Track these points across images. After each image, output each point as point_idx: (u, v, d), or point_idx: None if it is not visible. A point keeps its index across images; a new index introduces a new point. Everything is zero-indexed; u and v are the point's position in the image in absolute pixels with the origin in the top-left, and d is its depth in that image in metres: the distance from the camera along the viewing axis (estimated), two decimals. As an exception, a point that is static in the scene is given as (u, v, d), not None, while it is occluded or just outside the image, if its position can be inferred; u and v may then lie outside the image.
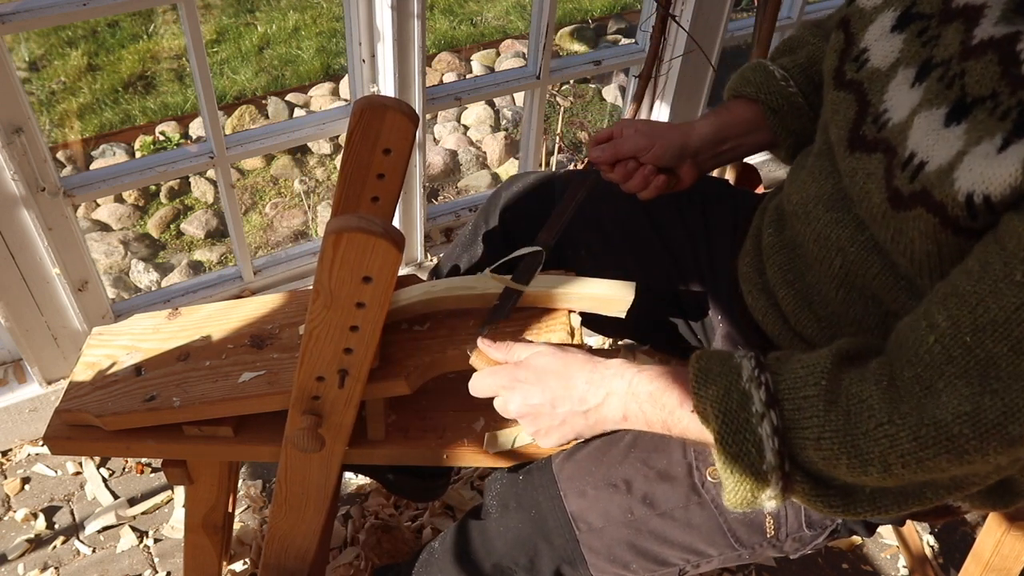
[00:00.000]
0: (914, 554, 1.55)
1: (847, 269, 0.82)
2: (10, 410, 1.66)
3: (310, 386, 0.88)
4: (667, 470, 0.89)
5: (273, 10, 3.51)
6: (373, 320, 0.82)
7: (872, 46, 0.80)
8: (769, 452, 0.70)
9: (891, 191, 0.72)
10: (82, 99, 2.98)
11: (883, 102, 0.76)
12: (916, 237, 0.70)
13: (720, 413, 0.71)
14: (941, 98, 0.69)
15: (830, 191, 0.84)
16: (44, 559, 1.56)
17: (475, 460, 1.04)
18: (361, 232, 0.74)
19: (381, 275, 0.78)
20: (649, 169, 1.02)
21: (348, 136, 0.95)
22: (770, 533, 0.88)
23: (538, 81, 1.85)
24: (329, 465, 0.99)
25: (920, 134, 0.70)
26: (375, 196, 1.00)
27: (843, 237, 0.81)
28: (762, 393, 0.71)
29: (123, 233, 2.56)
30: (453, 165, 2.84)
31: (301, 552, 1.13)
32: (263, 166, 2.81)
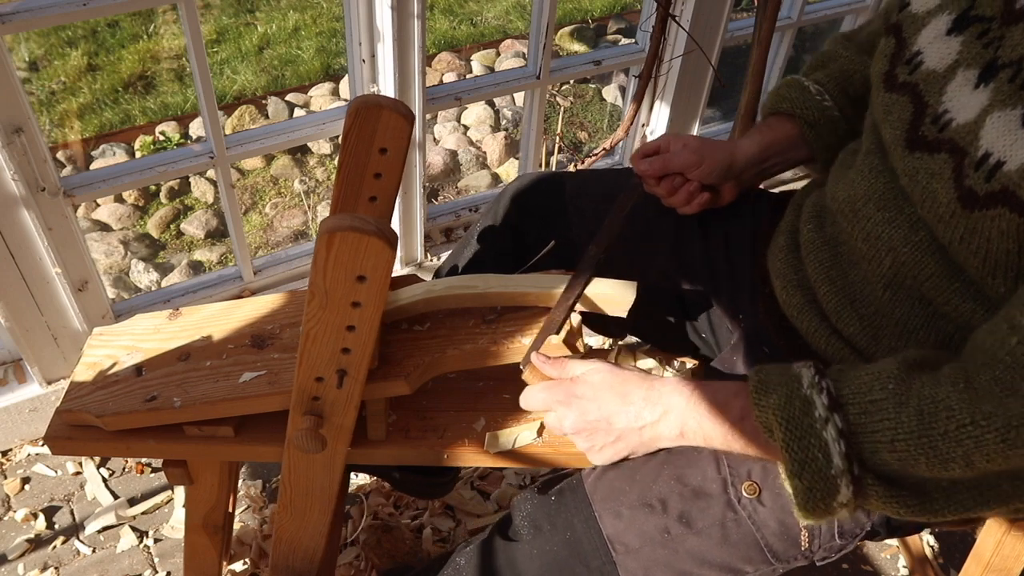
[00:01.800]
0: (914, 554, 1.55)
1: (896, 269, 0.82)
2: (10, 410, 1.66)
3: (309, 387, 0.88)
4: (702, 487, 0.88)
5: (273, 10, 3.51)
6: (369, 320, 0.82)
7: (926, 49, 0.81)
8: (836, 456, 0.70)
9: (962, 191, 0.72)
10: (82, 99, 2.98)
11: (942, 103, 0.77)
12: (994, 236, 0.71)
13: (783, 420, 0.72)
14: (1016, 99, 0.70)
15: (881, 190, 0.84)
16: (44, 559, 1.56)
17: (476, 460, 1.04)
18: (354, 231, 0.74)
19: (375, 274, 0.78)
20: (695, 186, 1.04)
21: (344, 136, 0.95)
22: (804, 545, 0.87)
23: (538, 81, 1.85)
24: (333, 466, 0.99)
25: (995, 134, 0.70)
26: (373, 196, 1.00)
27: (895, 237, 0.81)
28: (824, 398, 0.71)
29: (123, 233, 2.56)
30: (453, 165, 2.84)
31: (309, 553, 1.13)
32: (263, 166, 2.81)
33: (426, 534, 1.58)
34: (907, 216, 0.81)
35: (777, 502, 0.87)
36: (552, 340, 0.94)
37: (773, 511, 0.87)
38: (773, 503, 0.87)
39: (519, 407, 1.07)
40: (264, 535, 1.58)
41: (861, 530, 0.88)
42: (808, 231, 0.96)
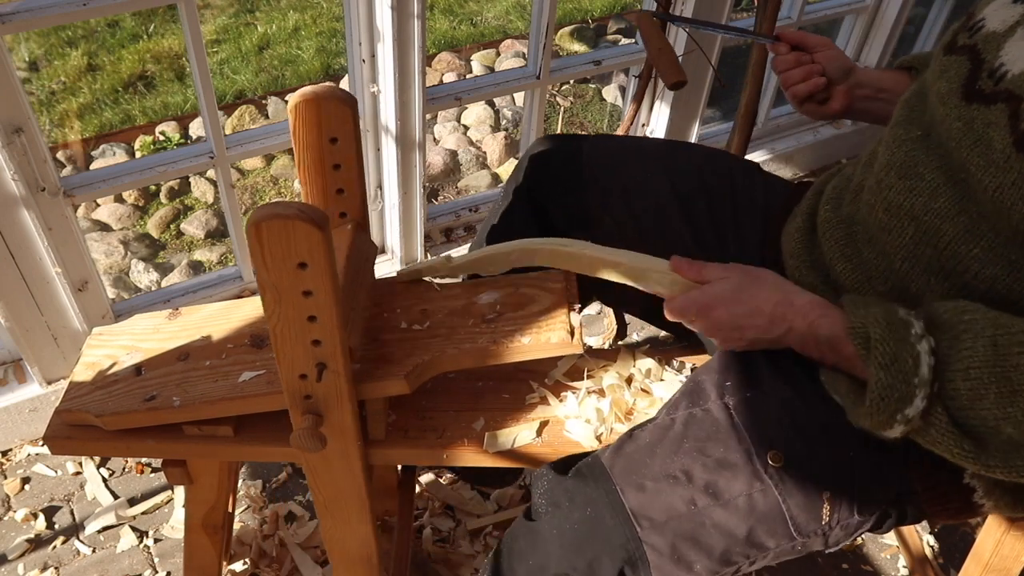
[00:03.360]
0: (914, 554, 1.55)
1: (918, 239, 0.83)
2: (10, 410, 1.66)
3: (296, 386, 0.88)
4: (726, 458, 0.86)
5: (273, 10, 3.51)
6: (327, 306, 0.81)
7: (989, 15, 0.83)
8: (925, 366, 0.73)
9: (1018, 135, 0.73)
10: (82, 99, 2.98)
11: (998, 58, 0.78)
12: None
13: (883, 322, 0.75)
14: None
15: (903, 159, 0.85)
16: (44, 559, 1.56)
17: (475, 460, 1.04)
18: (277, 218, 0.74)
19: (314, 258, 0.77)
20: (816, 66, 1.09)
21: (292, 135, 0.95)
22: (825, 519, 0.86)
23: (538, 81, 1.85)
24: (349, 465, 0.99)
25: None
26: (339, 188, 1.00)
27: (916, 205, 0.83)
28: (921, 323, 0.75)
29: (123, 233, 2.56)
30: (453, 165, 2.84)
31: (364, 557, 1.13)
32: (263, 166, 2.81)
33: (426, 534, 1.58)
34: (928, 183, 0.82)
35: (802, 471, 0.86)
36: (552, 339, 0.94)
37: (799, 481, 0.85)
38: (798, 472, 0.85)
39: (519, 407, 1.08)
40: (264, 535, 1.58)
41: (878, 508, 0.87)
42: (826, 211, 0.98)
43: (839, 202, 0.97)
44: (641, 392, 1.10)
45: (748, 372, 0.92)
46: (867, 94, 1.11)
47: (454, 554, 1.56)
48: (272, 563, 1.53)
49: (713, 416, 0.89)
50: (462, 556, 1.56)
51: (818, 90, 1.09)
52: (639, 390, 1.10)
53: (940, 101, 0.83)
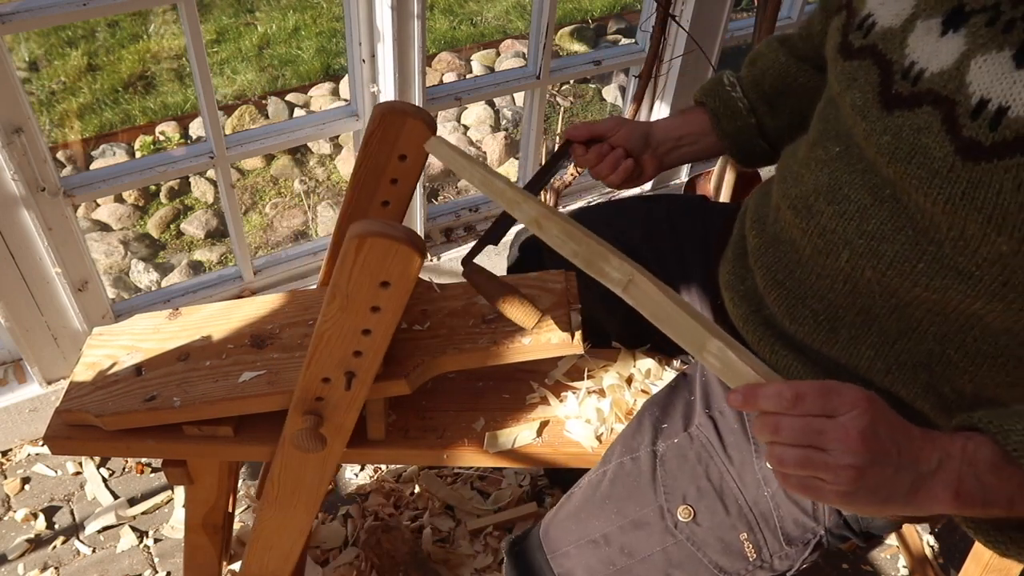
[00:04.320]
0: (914, 554, 1.55)
1: (854, 262, 0.80)
2: (10, 410, 1.66)
3: (315, 387, 0.88)
4: (640, 517, 0.91)
5: (273, 10, 3.51)
6: (386, 324, 0.82)
7: (877, 10, 0.80)
8: None
9: (961, 142, 0.69)
10: (82, 99, 2.98)
11: (907, 56, 0.74)
12: (1008, 188, 0.66)
13: None
14: (999, 41, 0.68)
15: (827, 182, 0.82)
16: (44, 559, 1.56)
17: (475, 460, 1.04)
18: (385, 237, 0.75)
19: (400, 280, 0.78)
20: (619, 153, 1.07)
21: (365, 140, 0.95)
22: (752, 557, 0.88)
23: (538, 81, 1.85)
24: (326, 465, 0.99)
25: (986, 79, 0.67)
26: (386, 200, 1.01)
27: (848, 229, 0.79)
28: None
29: (123, 233, 2.56)
30: (453, 165, 2.83)
31: (285, 553, 1.13)
32: (263, 166, 2.81)
33: (426, 534, 1.58)
34: (855, 205, 0.79)
35: (713, 520, 0.88)
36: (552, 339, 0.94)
37: (711, 529, 0.88)
38: (709, 521, 0.88)
39: (518, 407, 1.08)
40: (264, 535, 1.58)
41: (813, 535, 0.88)
42: (753, 237, 0.95)
43: (763, 224, 0.94)
44: (641, 392, 1.10)
45: (686, 409, 0.95)
46: (669, 147, 1.12)
47: (454, 554, 1.56)
48: (272, 563, 1.53)
49: (640, 467, 0.93)
50: (462, 556, 1.56)
51: (629, 173, 1.09)
52: (639, 390, 1.10)
53: (859, 115, 0.78)
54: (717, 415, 0.92)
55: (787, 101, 1.09)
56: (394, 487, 1.68)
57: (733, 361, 0.68)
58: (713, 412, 0.93)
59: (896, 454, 0.63)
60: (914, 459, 0.64)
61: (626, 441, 0.96)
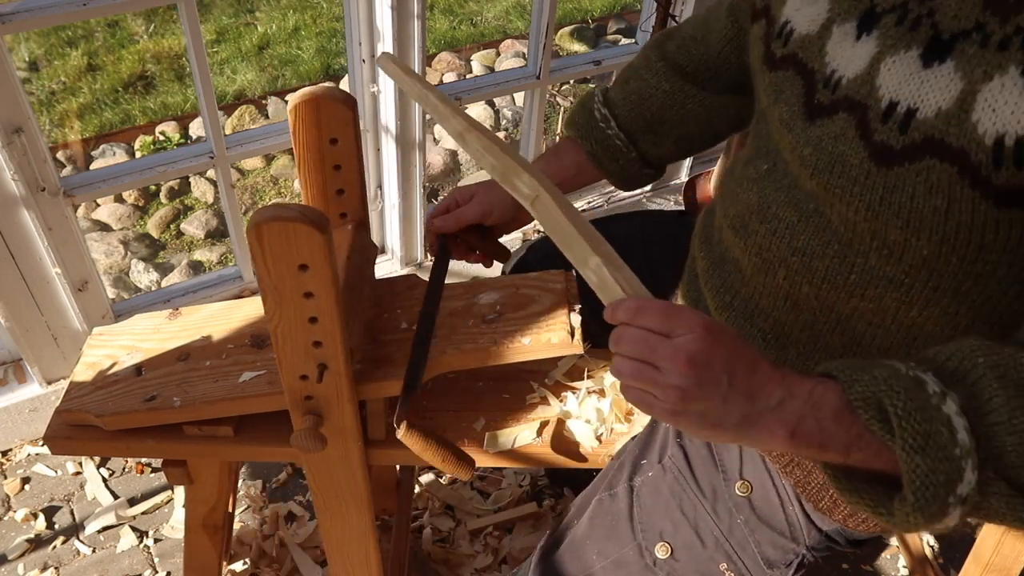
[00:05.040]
0: (914, 554, 1.55)
1: (791, 279, 0.78)
2: (10, 410, 1.66)
3: (297, 387, 0.88)
4: (620, 558, 0.91)
5: (273, 10, 3.51)
6: (328, 308, 0.81)
7: (793, 17, 0.78)
8: (962, 430, 0.58)
9: (873, 147, 0.67)
10: (82, 99, 2.98)
11: (827, 64, 0.73)
12: (921, 191, 0.65)
13: (898, 388, 0.60)
14: (907, 40, 0.66)
15: (756, 201, 0.81)
16: (44, 559, 1.56)
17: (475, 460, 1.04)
18: (277, 220, 0.74)
19: (315, 260, 0.77)
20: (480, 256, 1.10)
21: (292, 136, 0.95)
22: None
23: (538, 81, 1.85)
24: (350, 465, 0.99)
25: (895, 81, 0.66)
26: (339, 189, 1.00)
27: (781, 247, 0.78)
28: (932, 377, 0.61)
29: (123, 233, 2.56)
30: (453, 165, 2.84)
31: (363, 559, 1.13)
32: (263, 166, 2.81)
33: (426, 534, 1.58)
34: (784, 223, 0.77)
35: (691, 554, 0.89)
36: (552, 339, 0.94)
37: (689, 563, 0.89)
38: (687, 556, 0.89)
39: (519, 407, 1.07)
40: (264, 535, 1.58)
41: (795, 555, 0.88)
42: (701, 259, 0.93)
43: (709, 245, 0.92)
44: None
45: (663, 438, 0.94)
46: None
47: (454, 554, 1.56)
48: (272, 563, 1.53)
49: (618, 505, 0.93)
50: (462, 556, 1.56)
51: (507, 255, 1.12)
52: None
53: (786, 128, 0.76)
54: (687, 442, 0.91)
55: (672, 129, 1.05)
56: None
57: (607, 278, 0.70)
58: (684, 440, 0.91)
59: (726, 384, 0.63)
60: (750, 393, 0.63)
61: (607, 477, 0.97)
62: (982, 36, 0.62)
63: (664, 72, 1.04)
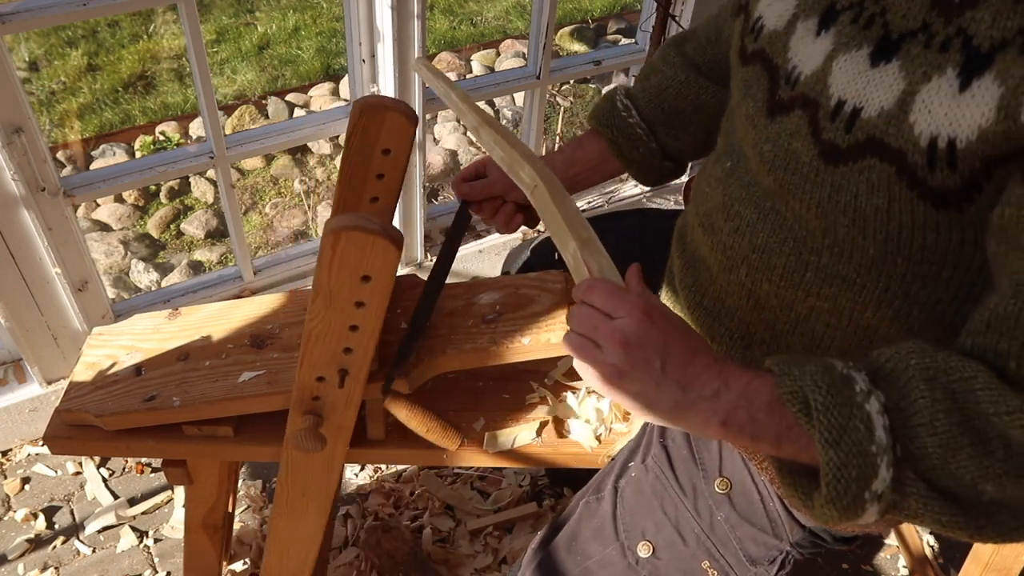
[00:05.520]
0: (914, 554, 1.55)
1: (752, 276, 0.79)
2: (10, 410, 1.66)
3: (310, 386, 0.88)
4: (604, 557, 0.92)
5: (273, 10, 3.51)
6: (373, 319, 0.82)
7: (765, 12, 0.78)
8: (880, 428, 0.59)
9: (822, 145, 0.67)
10: (82, 99, 2.98)
11: (789, 60, 0.73)
12: (864, 191, 0.66)
13: (823, 385, 0.61)
14: (860, 39, 0.66)
15: (721, 199, 0.81)
16: (44, 559, 1.56)
17: (475, 460, 1.04)
18: (360, 231, 0.75)
19: (380, 274, 0.78)
20: (510, 207, 1.09)
21: (348, 137, 0.95)
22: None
23: (538, 81, 1.85)
24: (331, 466, 0.99)
25: (844, 79, 0.66)
26: (374, 196, 1.00)
27: (743, 245, 0.78)
28: (863, 376, 0.62)
29: (123, 233, 2.56)
30: (453, 165, 2.84)
31: (302, 555, 1.13)
32: (263, 166, 2.81)
33: (426, 534, 1.58)
34: (746, 220, 0.78)
35: (672, 552, 0.89)
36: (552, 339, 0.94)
37: (671, 562, 0.89)
38: (669, 554, 0.89)
39: (519, 407, 1.08)
40: (264, 535, 1.58)
41: (778, 552, 0.87)
42: (676, 257, 0.93)
43: (683, 245, 0.92)
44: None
45: (648, 437, 0.95)
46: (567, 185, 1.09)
47: (454, 554, 1.56)
48: (272, 563, 1.53)
49: (603, 507, 0.95)
50: (462, 556, 1.56)
51: (521, 224, 1.11)
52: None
53: (750, 124, 0.77)
54: (669, 442, 0.92)
55: (690, 120, 1.06)
56: (394, 487, 1.68)
57: (580, 261, 0.74)
58: (666, 440, 0.92)
59: (659, 370, 0.65)
60: (683, 382, 0.65)
61: (597, 482, 0.98)
62: (927, 36, 0.62)
63: (680, 65, 1.06)
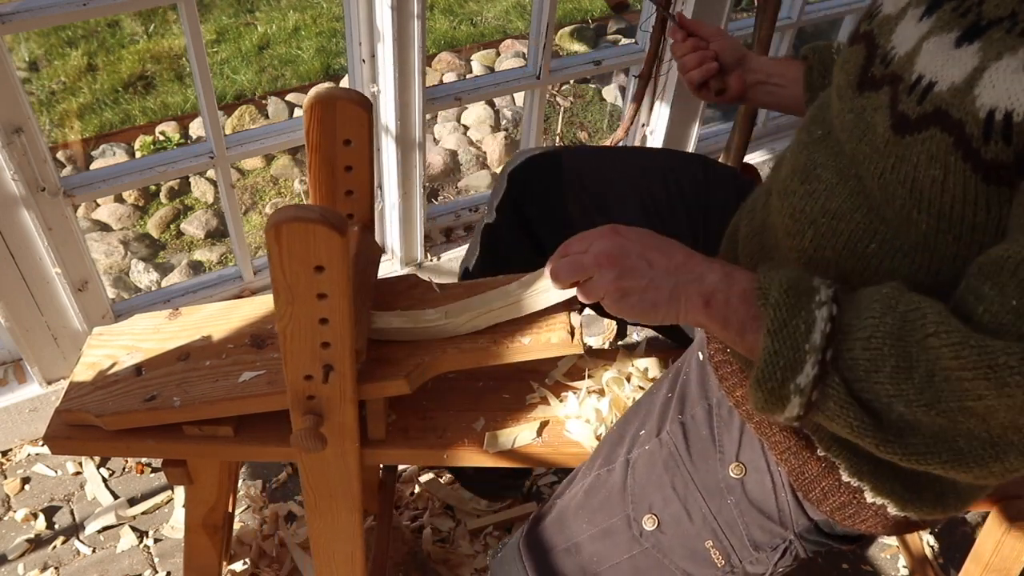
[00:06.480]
0: (914, 554, 1.55)
1: (817, 242, 0.81)
2: (10, 410, 1.66)
3: (301, 386, 0.88)
4: (609, 527, 0.92)
5: (273, 10, 3.51)
6: (340, 310, 0.82)
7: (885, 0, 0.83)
8: (818, 332, 0.67)
9: (896, 117, 0.71)
10: (82, 99, 2.98)
11: (891, 42, 0.77)
12: (923, 161, 0.69)
13: (785, 285, 0.70)
14: (953, 24, 0.69)
15: (804, 163, 0.84)
16: (44, 559, 1.56)
17: (475, 460, 1.04)
18: (298, 221, 0.75)
19: (331, 261, 0.78)
20: (710, 54, 1.13)
21: (306, 135, 0.95)
22: (720, 563, 0.89)
23: (538, 81, 1.85)
24: (346, 465, 0.99)
25: (928, 58, 0.70)
26: (348, 190, 1.00)
27: (815, 209, 0.81)
28: (830, 291, 0.70)
29: (123, 233, 2.56)
30: (453, 165, 2.84)
31: (347, 557, 1.13)
32: (263, 166, 2.81)
33: (426, 534, 1.58)
34: (825, 184, 0.80)
35: (677, 528, 0.89)
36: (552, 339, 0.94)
37: (676, 537, 0.89)
38: (674, 530, 0.89)
39: (519, 407, 1.08)
40: (264, 535, 1.58)
41: (782, 540, 0.88)
42: (744, 226, 0.96)
43: (753, 214, 0.95)
44: (639, 389, 1.10)
45: (663, 409, 0.95)
46: (759, 79, 1.15)
47: (454, 554, 1.56)
48: (272, 563, 1.53)
49: (614, 478, 0.95)
50: (462, 556, 1.56)
51: (711, 75, 1.12)
52: (637, 387, 1.10)
53: (838, 95, 0.82)
54: (688, 420, 0.92)
55: None
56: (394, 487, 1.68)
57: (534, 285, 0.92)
58: (685, 417, 0.93)
59: (647, 267, 0.77)
60: (671, 269, 0.76)
61: (604, 452, 0.98)
62: (1012, 23, 0.64)
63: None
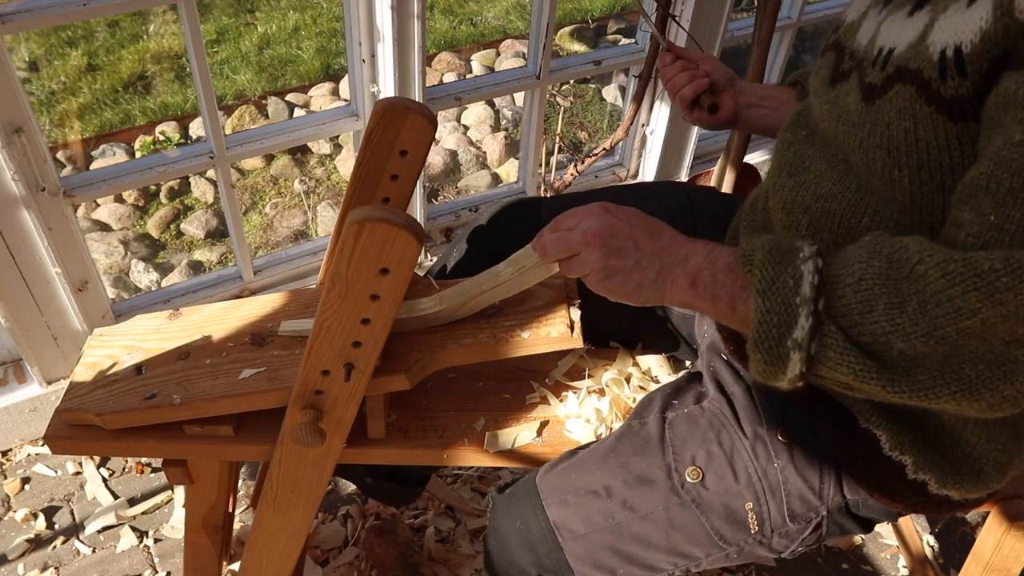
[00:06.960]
0: (914, 554, 1.55)
1: (813, 227, 0.83)
2: (10, 410, 1.66)
3: (314, 380, 0.88)
4: (646, 474, 0.91)
5: (273, 10, 3.51)
6: (385, 314, 0.82)
7: (848, 11, 0.89)
8: (807, 284, 0.68)
9: (864, 89, 0.76)
10: (82, 99, 2.98)
11: (855, 40, 0.83)
12: (894, 118, 0.72)
13: (768, 248, 0.71)
14: (906, 2, 0.76)
15: (791, 159, 0.87)
16: (44, 559, 1.56)
17: (475, 460, 1.04)
18: (384, 223, 0.75)
19: (399, 267, 0.78)
20: (701, 72, 1.14)
21: (367, 136, 0.95)
22: (754, 529, 0.88)
23: (538, 81, 1.85)
24: (325, 462, 0.99)
25: (886, 32, 0.76)
26: (386, 197, 1.01)
27: (806, 197, 0.83)
28: (813, 248, 0.71)
29: (123, 233, 2.56)
30: (453, 165, 2.84)
31: (284, 555, 1.12)
32: (263, 166, 2.81)
33: (428, 533, 1.58)
34: (814, 174, 0.83)
35: (721, 485, 0.89)
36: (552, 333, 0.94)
37: (717, 494, 0.89)
38: (717, 486, 0.89)
39: (519, 407, 1.08)
40: (264, 535, 1.58)
41: (816, 514, 0.88)
42: (744, 227, 0.98)
43: (753, 216, 0.97)
44: (640, 390, 1.10)
45: (698, 389, 0.96)
46: (751, 101, 1.15)
47: (454, 554, 1.56)
48: (272, 563, 1.53)
49: (647, 430, 0.93)
50: (462, 556, 1.56)
51: (702, 90, 1.12)
52: (637, 386, 1.10)
53: (815, 95, 0.86)
54: (732, 393, 0.94)
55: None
56: (394, 487, 1.68)
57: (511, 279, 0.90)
58: (727, 390, 0.94)
59: (633, 248, 0.78)
60: (657, 252, 0.78)
61: (635, 410, 0.97)
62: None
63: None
